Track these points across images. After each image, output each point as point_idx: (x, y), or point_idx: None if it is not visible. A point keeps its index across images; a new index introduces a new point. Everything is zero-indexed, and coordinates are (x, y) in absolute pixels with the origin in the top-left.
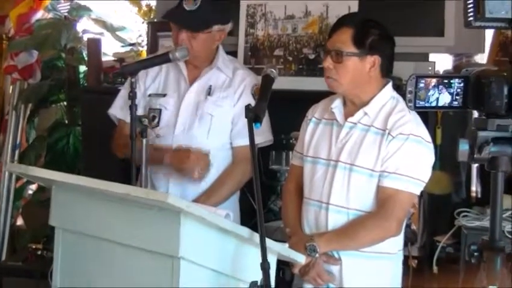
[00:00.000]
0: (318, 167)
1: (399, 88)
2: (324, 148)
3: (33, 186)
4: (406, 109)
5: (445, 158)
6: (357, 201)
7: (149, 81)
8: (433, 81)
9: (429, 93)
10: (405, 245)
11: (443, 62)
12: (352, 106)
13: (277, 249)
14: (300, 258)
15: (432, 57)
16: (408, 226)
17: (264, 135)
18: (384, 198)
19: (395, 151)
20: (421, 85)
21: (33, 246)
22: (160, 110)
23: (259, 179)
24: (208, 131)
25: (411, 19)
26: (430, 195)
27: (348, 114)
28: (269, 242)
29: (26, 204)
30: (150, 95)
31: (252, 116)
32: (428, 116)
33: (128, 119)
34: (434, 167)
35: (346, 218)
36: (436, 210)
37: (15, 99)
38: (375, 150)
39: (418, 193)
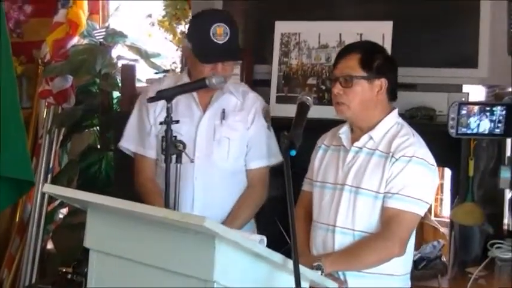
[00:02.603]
0: (325, 191)
1: (432, 119)
2: (332, 173)
3: (64, 210)
4: (410, 133)
5: (476, 190)
6: (363, 223)
7: (159, 109)
8: (475, 108)
9: (470, 120)
10: (435, 276)
11: (476, 93)
12: (358, 132)
13: (310, 276)
14: (332, 285)
15: (465, 88)
16: (438, 258)
17: (277, 156)
18: (387, 219)
19: (398, 173)
20: (463, 112)
21: (63, 270)
22: (175, 137)
23: (293, 204)
24: (227, 155)
25: (445, 50)
26: (461, 226)
27: (354, 140)
28: (302, 268)
29: (56, 228)
30: (161, 123)
31: (288, 143)
32: (461, 147)
33: (146, 153)
34: (466, 199)
35: (352, 240)
36: (467, 241)
37: (49, 124)
38: (379, 173)
39: (422, 214)
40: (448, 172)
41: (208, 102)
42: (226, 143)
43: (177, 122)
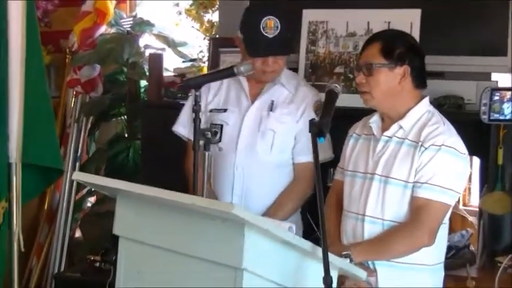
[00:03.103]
0: (356, 180)
1: (460, 107)
2: (362, 162)
3: (92, 199)
4: (441, 121)
5: (506, 178)
6: (392, 212)
7: (211, 96)
8: (508, 94)
9: (503, 106)
10: (463, 265)
11: (505, 81)
12: (388, 120)
13: (338, 264)
14: (362, 274)
15: (494, 76)
16: (467, 247)
17: (325, 152)
18: (416, 208)
19: (427, 162)
20: (496, 98)
21: (91, 258)
22: (221, 126)
23: (322, 193)
24: (271, 147)
25: (474, 38)
26: (490, 215)
27: (384, 129)
28: (331, 256)
29: (84, 217)
30: (211, 111)
31: (316, 130)
32: (490, 135)
33: None
34: (495, 187)
35: (381, 229)
36: (497, 230)
37: (77, 112)
38: (409, 162)
39: (452, 203)
40: (476, 161)
41: (258, 93)
42: (270, 135)
43: (225, 110)
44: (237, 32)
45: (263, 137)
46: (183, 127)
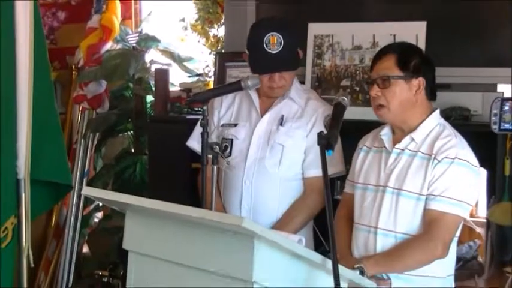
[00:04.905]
0: (367, 193)
1: (467, 119)
2: (373, 175)
3: (99, 215)
4: (453, 134)
5: None
6: (405, 225)
7: (223, 111)
8: None
9: None
10: (472, 276)
11: (510, 92)
12: (400, 133)
13: (348, 276)
14: (372, 286)
15: (500, 87)
16: (475, 258)
17: (336, 166)
18: (429, 221)
19: (441, 174)
20: (506, 108)
21: (99, 273)
22: (232, 140)
23: (332, 206)
24: (280, 162)
25: (479, 49)
26: (498, 226)
27: (396, 141)
28: (341, 268)
29: (91, 232)
30: (223, 125)
31: (324, 143)
32: (497, 146)
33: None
34: (503, 198)
35: (394, 242)
36: (505, 241)
37: (83, 128)
38: (422, 175)
39: (465, 216)
40: (483, 172)
41: (268, 107)
42: (279, 149)
43: (236, 125)
44: (246, 49)
45: (272, 151)
46: (197, 142)
